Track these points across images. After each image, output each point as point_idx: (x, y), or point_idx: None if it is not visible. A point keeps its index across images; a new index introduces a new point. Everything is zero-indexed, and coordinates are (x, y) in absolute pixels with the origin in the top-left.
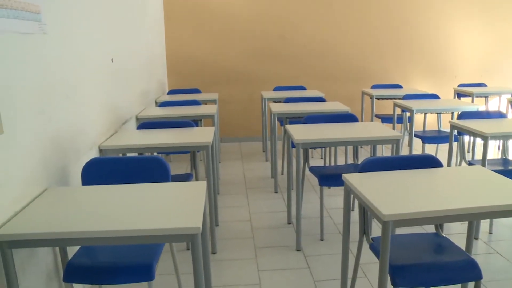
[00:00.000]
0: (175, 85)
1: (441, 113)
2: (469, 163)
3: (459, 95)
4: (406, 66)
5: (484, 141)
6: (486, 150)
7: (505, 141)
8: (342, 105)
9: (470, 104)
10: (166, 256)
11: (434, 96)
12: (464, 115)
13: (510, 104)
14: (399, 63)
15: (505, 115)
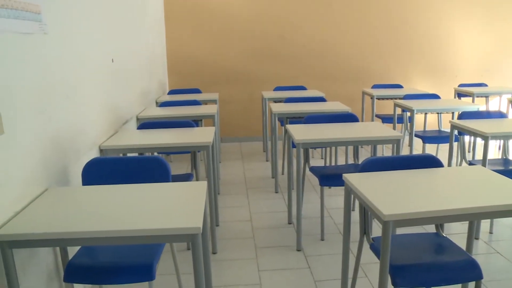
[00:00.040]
0: (176, 85)
1: (441, 113)
2: (470, 163)
3: (460, 95)
4: (407, 66)
5: (484, 141)
6: (486, 150)
7: (505, 141)
8: (342, 105)
9: (471, 104)
10: (167, 256)
11: (435, 96)
12: (464, 115)
13: (510, 104)
14: (399, 63)
15: (506, 115)
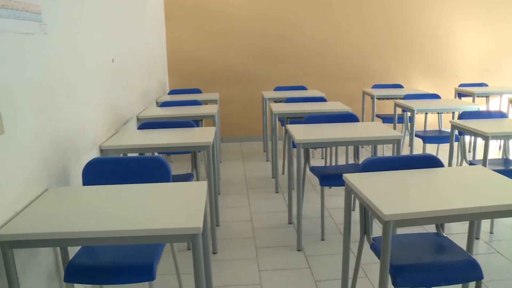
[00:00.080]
0: (176, 85)
1: (442, 113)
2: (470, 163)
3: (460, 95)
4: (407, 66)
5: (485, 141)
6: (487, 150)
7: (506, 141)
8: (342, 105)
9: (471, 104)
10: (167, 256)
11: (435, 96)
12: (465, 115)
13: (511, 103)
14: (400, 63)
15: (506, 115)
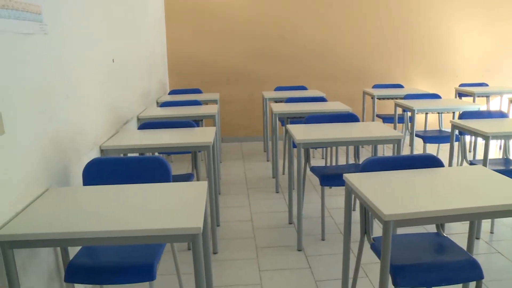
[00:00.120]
0: (176, 85)
1: (442, 113)
2: (471, 163)
3: (460, 94)
4: (407, 66)
5: (485, 140)
6: (487, 150)
7: (506, 141)
8: (343, 105)
9: (472, 104)
10: (167, 256)
11: (435, 96)
12: (465, 115)
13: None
14: (400, 63)
15: (507, 115)
